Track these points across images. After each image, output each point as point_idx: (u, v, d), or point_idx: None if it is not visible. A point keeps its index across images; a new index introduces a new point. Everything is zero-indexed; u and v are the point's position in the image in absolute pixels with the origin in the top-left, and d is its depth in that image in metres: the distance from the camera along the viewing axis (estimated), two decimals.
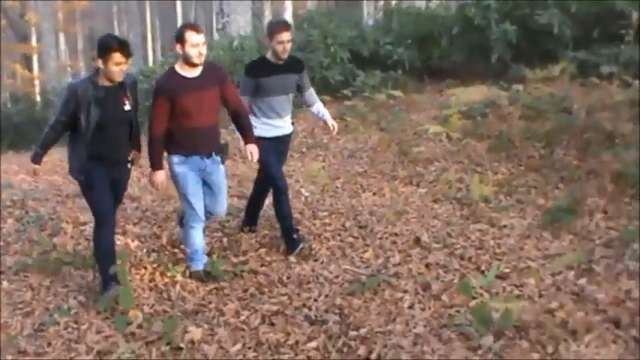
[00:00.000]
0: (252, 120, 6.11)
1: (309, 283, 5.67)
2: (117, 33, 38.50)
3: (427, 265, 5.67)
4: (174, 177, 5.77)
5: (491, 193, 7.12)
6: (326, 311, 5.10)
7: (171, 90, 5.50)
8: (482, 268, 5.47)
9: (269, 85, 6.15)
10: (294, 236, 6.33)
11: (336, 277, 5.71)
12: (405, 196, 7.53)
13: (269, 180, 6.37)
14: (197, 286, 5.78)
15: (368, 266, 5.83)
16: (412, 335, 4.57)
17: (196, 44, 5.43)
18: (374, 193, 7.76)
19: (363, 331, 4.72)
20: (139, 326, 5.09)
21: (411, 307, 4.98)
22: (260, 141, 6.01)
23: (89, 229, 6.99)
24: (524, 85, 10.17)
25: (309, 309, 5.19)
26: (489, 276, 5.03)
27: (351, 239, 6.50)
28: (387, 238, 6.35)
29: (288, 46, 6.10)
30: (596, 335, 4.17)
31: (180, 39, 5.45)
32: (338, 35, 13.88)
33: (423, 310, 4.92)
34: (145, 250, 6.65)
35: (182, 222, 6.19)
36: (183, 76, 5.55)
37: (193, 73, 5.56)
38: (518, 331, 4.31)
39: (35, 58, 33.24)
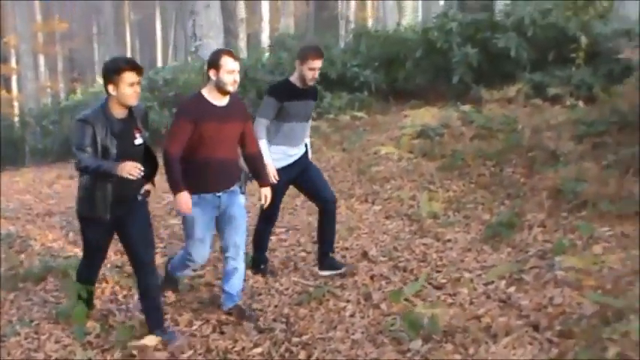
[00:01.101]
0: (271, 148, 5.97)
1: (260, 295, 5.99)
2: (96, 54, 39.02)
3: (372, 277, 6.03)
4: (183, 219, 5.42)
5: (440, 210, 7.49)
6: (274, 320, 5.43)
7: (197, 114, 5.17)
8: (421, 278, 5.80)
9: (292, 109, 5.97)
10: (262, 267, 6.43)
11: (286, 288, 6.05)
12: (360, 213, 7.89)
13: (269, 208, 5.96)
14: None
15: (316, 279, 6.17)
16: (350, 341, 4.90)
17: (232, 71, 5.15)
18: None
19: (305, 337, 5.05)
20: (97, 336, 5.37)
21: (352, 315, 5.32)
22: (279, 171, 5.92)
23: (56, 246, 7.29)
24: (481, 106, 10.58)
25: (258, 318, 5.51)
26: (416, 285, 5.41)
27: (303, 254, 6.85)
28: (337, 252, 6.67)
29: (317, 74, 6.00)
30: (515, 337, 4.52)
31: (215, 64, 5.16)
32: None
33: (362, 318, 5.26)
34: (108, 266, 6.92)
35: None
36: (211, 103, 5.22)
37: (221, 101, 5.24)
38: (446, 335, 4.66)
39: (14, 79, 33.57)
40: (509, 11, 13.20)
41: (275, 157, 6.00)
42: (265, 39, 25.86)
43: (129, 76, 4.78)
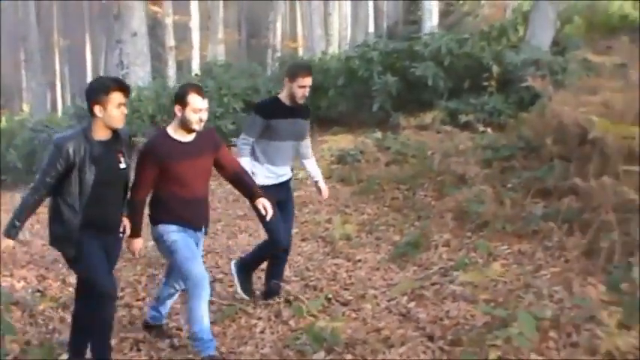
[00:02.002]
0: (255, 166, 5.88)
1: (177, 314, 6.22)
2: (24, 81, 38.57)
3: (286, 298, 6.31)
4: (167, 246, 5.11)
5: (353, 232, 7.84)
6: (188, 338, 5.66)
7: (164, 154, 4.96)
8: (330, 296, 6.12)
9: (279, 128, 5.84)
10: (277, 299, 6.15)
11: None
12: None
13: (270, 232, 5.94)
14: None
15: (232, 298, 6.43)
16: (259, 355, 5.19)
17: (199, 109, 4.96)
18: (250, 235, 8.40)
19: (220, 350, 5.31)
20: (15, 358, 5.53)
21: (262, 331, 5.60)
22: (264, 189, 5.61)
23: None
24: (398, 133, 11.02)
25: (173, 337, 5.74)
26: (318, 301, 5.77)
27: (221, 275, 7.11)
28: (254, 274, 6.95)
29: (307, 91, 5.86)
30: (410, 347, 4.87)
31: (181, 100, 4.97)
32: (232, 86, 14.65)
33: (272, 333, 5.55)
34: (30, 290, 7.07)
35: None
36: (177, 141, 5.02)
37: (188, 137, 5.05)
38: (347, 347, 4.98)
39: None
40: (427, 41, 13.74)
41: (264, 174, 5.90)
42: (196, 66, 26.10)
43: (117, 97, 4.58)
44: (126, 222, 5.02)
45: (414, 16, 36.36)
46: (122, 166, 4.78)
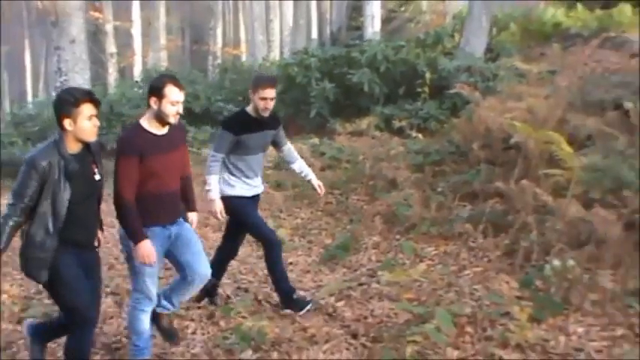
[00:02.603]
0: (231, 179, 5.82)
1: (112, 317, 6.33)
2: None
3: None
4: (130, 255, 4.89)
5: (286, 236, 8.02)
6: (120, 340, 5.78)
7: (142, 148, 4.71)
8: (260, 297, 6.30)
9: (249, 142, 5.74)
10: (295, 297, 5.96)
11: None
12: (213, 240, 8.29)
13: (262, 238, 5.97)
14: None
15: None
16: (189, 355, 5.33)
17: (176, 102, 4.74)
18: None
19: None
20: None
21: (193, 332, 5.74)
22: (243, 200, 5.81)
23: None
24: (333, 139, 11.25)
25: (107, 338, 5.85)
26: (246, 302, 5.98)
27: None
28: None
29: (271, 103, 5.72)
30: (334, 344, 5.08)
31: (157, 92, 4.72)
32: None
33: (203, 334, 5.69)
34: None
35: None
36: (152, 134, 4.79)
37: (162, 130, 4.82)
38: (273, 345, 5.16)
39: None
40: (363, 48, 14.02)
41: (245, 187, 5.87)
42: (138, 73, 26.06)
43: (88, 109, 4.36)
44: (100, 235, 4.83)
45: (357, 23, 36.83)
46: (97, 177, 4.58)
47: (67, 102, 4.35)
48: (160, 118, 4.77)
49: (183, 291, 5.21)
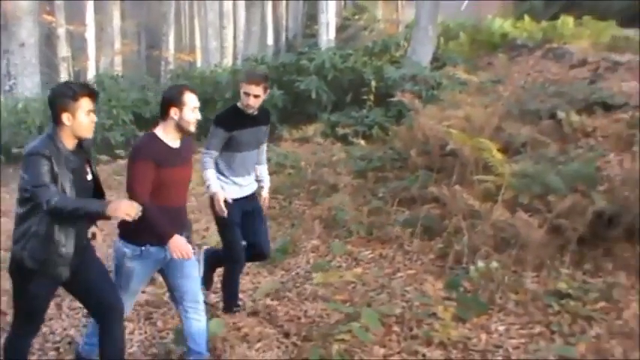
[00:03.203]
0: (220, 179, 5.61)
1: (51, 319, 6.43)
2: None
3: (154, 300, 6.59)
4: (118, 267, 4.74)
5: None
6: (59, 341, 5.91)
7: (161, 160, 4.54)
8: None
9: (242, 138, 5.57)
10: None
11: (76, 312, 6.52)
12: None
13: (230, 256, 5.83)
14: None
15: None
16: (127, 354, 5.46)
17: (196, 108, 4.67)
18: None
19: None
20: None
21: (131, 332, 5.87)
22: (230, 206, 5.58)
23: None
24: (280, 145, 11.45)
25: (48, 341, 5.96)
26: None
27: None
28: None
29: (254, 101, 5.50)
30: (266, 343, 5.28)
31: (176, 101, 4.59)
32: (122, 98, 14.78)
33: (140, 334, 5.84)
34: None
35: None
36: (167, 145, 4.62)
37: (176, 142, 4.67)
38: (208, 344, 5.31)
39: None
40: (312, 55, 14.24)
41: (234, 188, 5.68)
42: (91, 77, 25.98)
43: (86, 103, 4.19)
44: (94, 229, 4.62)
45: (312, 30, 37.12)
46: (89, 177, 4.39)
47: (65, 95, 4.16)
48: (181, 128, 4.63)
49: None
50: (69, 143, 4.21)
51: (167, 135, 4.63)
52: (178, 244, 4.51)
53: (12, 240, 4.32)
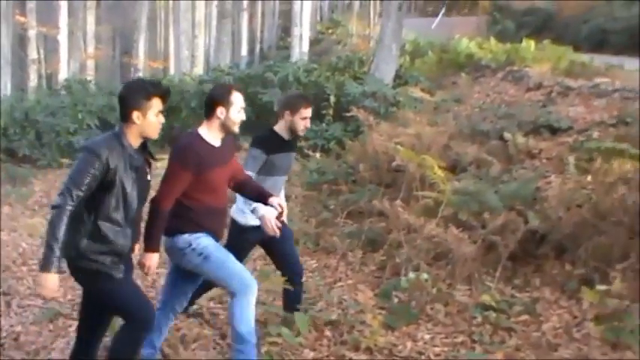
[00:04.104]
0: (244, 206, 5.32)
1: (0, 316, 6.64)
2: None
3: None
4: (198, 253, 4.66)
5: None
6: (5, 337, 6.10)
7: (203, 160, 4.53)
8: None
9: (278, 162, 5.44)
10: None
11: (25, 310, 6.73)
12: None
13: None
14: None
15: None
16: (68, 350, 5.67)
17: (242, 108, 4.72)
18: None
19: (33, 347, 5.85)
20: None
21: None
22: (247, 234, 5.49)
23: None
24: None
25: None
26: None
27: None
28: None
29: (309, 122, 5.58)
30: (202, 343, 5.53)
31: (224, 100, 4.63)
32: (89, 103, 14.96)
33: None
34: None
35: None
36: (211, 145, 4.63)
37: (217, 141, 4.68)
38: None
39: None
40: (276, 68, 14.55)
41: (249, 215, 5.32)
42: (62, 80, 26.08)
43: (157, 104, 4.15)
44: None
45: (286, 43, 37.52)
46: (148, 177, 4.29)
47: (138, 94, 4.13)
48: (226, 127, 4.67)
49: (166, 327, 5.17)
50: (134, 142, 4.14)
51: (210, 134, 4.66)
52: (151, 262, 4.52)
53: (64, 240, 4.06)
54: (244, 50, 37.76)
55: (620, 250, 6.40)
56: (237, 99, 4.68)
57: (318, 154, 10.78)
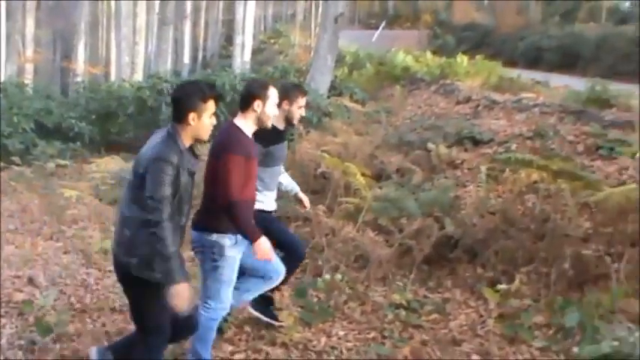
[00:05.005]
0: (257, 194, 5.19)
1: None
2: None
3: (29, 298, 6.97)
4: (217, 263, 4.77)
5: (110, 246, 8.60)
6: None
7: (249, 152, 4.64)
8: (72, 299, 6.89)
9: (277, 153, 5.52)
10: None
11: None
12: (42, 248, 8.79)
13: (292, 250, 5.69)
14: None
15: None
16: None
17: (276, 103, 4.89)
18: (16, 246, 8.94)
19: None
20: None
21: (3, 326, 6.26)
22: (265, 214, 5.49)
23: None
24: None
25: None
26: (49, 299, 6.51)
27: None
28: (6, 280, 7.54)
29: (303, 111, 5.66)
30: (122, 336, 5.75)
31: (261, 94, 4.77)
32: (25, 106, 14.99)
33: (11, 328, 6.22)
34: None
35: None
36: (248, 137, 4.74)
37: (251, 134, 4.81)
38: (71, 337, 5.77)
39: None
40: (212, 77, 14.80)
41: (269, 201, 5.62)
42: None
43: (211, 106, 4.20)
44: None
45: (229, 51, 37.75)
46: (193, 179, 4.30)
47: (195, 95, 4.17)
48: (261, 122, 4.79)
49: (259, 288, 5.33)
50: (187, 143, 4.18)
51: (246, 126, 4.75)
52: (265, 247, 4.57)
53: (124, 247, 4.21)
54: (187, 58, 37.87)
55: (526, 254, 6.84)
56: (273, 94, 4.84)
57: None
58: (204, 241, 4.76)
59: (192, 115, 4.11)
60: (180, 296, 4.02)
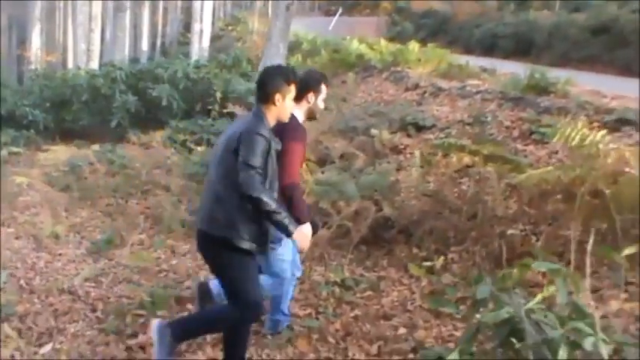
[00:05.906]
0: None
1: None
2: None
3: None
4: (276, 258, 4.96)
5: (62, 232, 8.84)
6: None
7: (304, 137, 4.80)
8: (22, 282, 7.13)
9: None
10: None
11: None
12: None
13: None
14: None
15: None
16: None
17: (324, 98, 5.02)
18: None
19: None
20: None
21: None
22: None
23: None
24: (124, 148, 12.20)
25: None
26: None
27: None
28: None
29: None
30: (71, 315, 6.07)
31: (316, 87, 4.94)
32: None
33: None
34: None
35: None
36: (303, 126, 4.85)
37: None
38: (20, 318, 6.03)
39: None
40: (166, 64, 15.02)
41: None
42: None
43: (294, 90, 4.44)
44: None
45: (187, 38, 37.76)
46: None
47: (281, 77, 4.38)
48: (311, 112, 4.95)
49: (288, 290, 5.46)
50: (271, 123, 4.38)
51: (299, 117, 4.89)
52: (307, 233, 4.64)
53: (220, 222, 4.33)
54: (145, 45, 37.79)
55: (458, 234, 7.22)
56: (324, 89, 5.02)
57: (197, 148, 11.32)
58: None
59: (277, 96, 4.34)
60: (304, 236, 4.51)
